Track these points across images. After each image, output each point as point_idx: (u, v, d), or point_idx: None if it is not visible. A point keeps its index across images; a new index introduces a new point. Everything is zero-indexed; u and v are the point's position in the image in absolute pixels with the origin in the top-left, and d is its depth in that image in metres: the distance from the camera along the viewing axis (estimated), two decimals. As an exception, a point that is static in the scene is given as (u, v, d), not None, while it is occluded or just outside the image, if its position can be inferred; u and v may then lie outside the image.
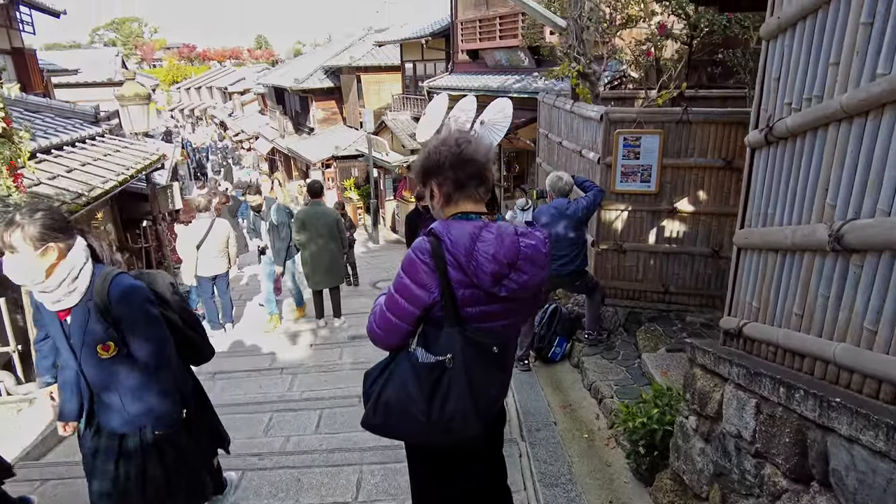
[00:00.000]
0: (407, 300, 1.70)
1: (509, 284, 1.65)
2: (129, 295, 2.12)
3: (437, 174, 1.73)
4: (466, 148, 1.70)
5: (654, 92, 6.47)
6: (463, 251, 1.63)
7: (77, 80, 18.26)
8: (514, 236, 1.67)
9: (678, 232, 5.09)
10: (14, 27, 11.24)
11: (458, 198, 1.73)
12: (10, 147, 3.78)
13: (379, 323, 1.78)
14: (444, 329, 1.69)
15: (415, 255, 1.68)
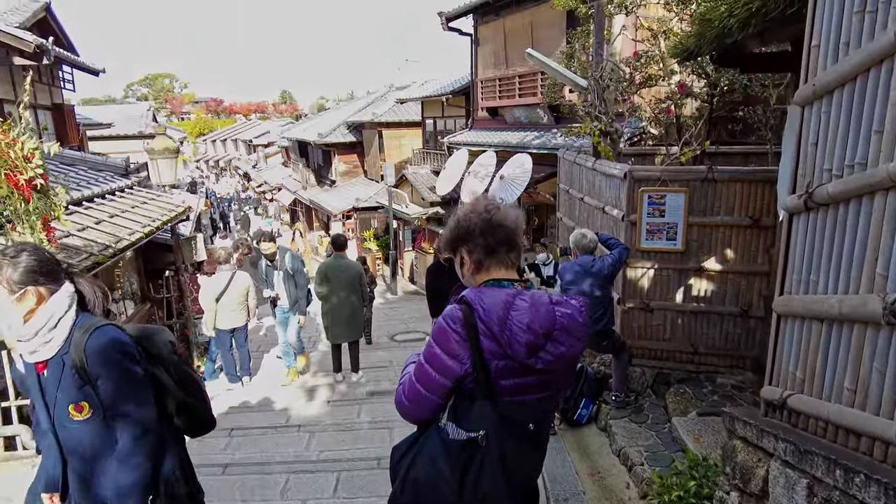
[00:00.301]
0: (437, 371, 1.63)
1: (545, 356, 1.57)
2: (108, 351, 1.87)
3: (468, 241, 1.70)
4: (496, 214, 1.67)
5: (675, 148, 6.49)
6: (496, 320, 1.56)
7: (110, 132, 18.96)
8: (550, 305, 1.60)
9: (706, 291, 4.99)
10: (56, 85, 11.79)
11: (490, 264, 1.69)
12: (46, 202, 3.86)
13: (408, 394, 1.70)
14: (477, 402, 1.61)
15: (446, 323, 1.62)
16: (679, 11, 6.66)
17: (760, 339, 4.79)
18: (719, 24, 3.28)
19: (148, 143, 8.27)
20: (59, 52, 9.52)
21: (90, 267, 5.11)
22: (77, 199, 6.43)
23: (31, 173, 3.68)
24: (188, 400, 2.15)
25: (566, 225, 7.28)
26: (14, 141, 3.68)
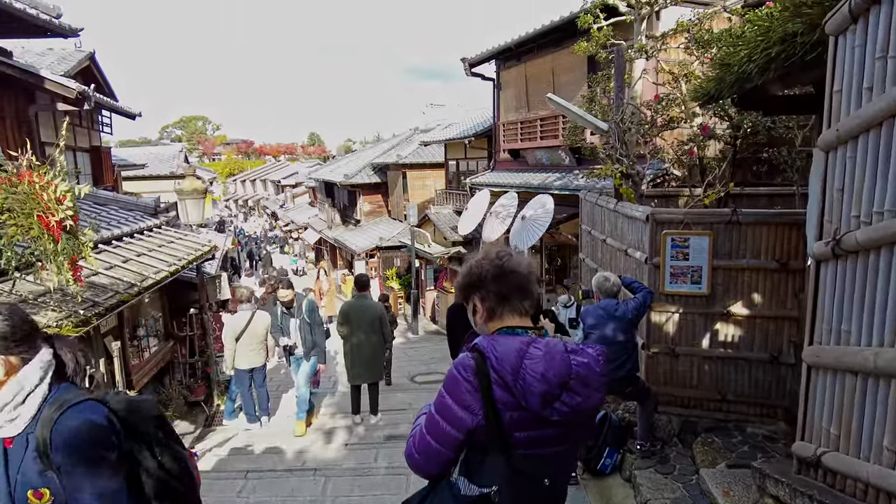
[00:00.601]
0: (449, 422, 1.57)
1: (561, 407, 1.51)
2: (77, 437, 1.61)
3: (480, 288, 1.67)
4: (508, 261, 1.65)
5: (698, 190, 6.43)
6: (509, 369, 1.51)
7: (143, 173, 19.61)
8: (565, 353, 1.55)
9: (733, 336, 4.83)
10: (95, 128, 12.31)
11: (502, 312, 1.65)
12: (75, 242, 3.96)
13: (418, 447, 1.64)
14: (489, 456, 1.54)
15: (457, 372, 1.57)
16: (700, 55, 6.71)
17: (792, 387, 4.60)
18: (738, 69, 3.28)
19: (178, 184, 8.51)
20: (99, 97, 9.97)
21: (115, 305, 5.19)
22: (107, 238, 6.59)
23: (61, 215, 3.79)
24: (172, 482, 1.90)
25: (589, 266, 7.20)
26: (48, 184, 3.82)
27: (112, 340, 6.26)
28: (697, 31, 6.68)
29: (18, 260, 3.91)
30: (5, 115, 8.71)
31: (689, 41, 6.88)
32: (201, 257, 7.90)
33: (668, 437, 4.81)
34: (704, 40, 6.44)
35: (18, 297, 4.48)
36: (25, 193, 3.68)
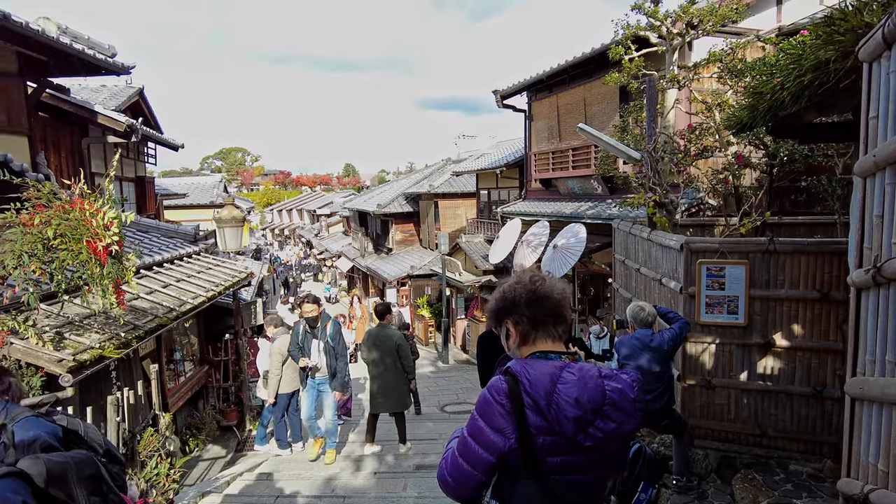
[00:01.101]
0: (481, 445, 1.56)
1: (594, 433, 1.50)
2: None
3: (513, 312, 1.67)
4: (541, 286, 1.65)
5: (734, 219, 6.32)
6: (543, 393, 1.50)
7: (184, 202, 20.32)
8: (599, 379, 1.54)
9: (773, 368, 4.68)
10: (141, 160, 12.88)
11: (535, 336, 1.65)
12: (119, 267, 4.13)
13: (450, 470, 1.63)
14: (521, 481, 1.53)
15: (490, 395, 1.56)
16: (733, 84, 6.67)
17: (838, 423, 4.40)
18: (771, 97, 3.26)
19: (217, 213, 8.80)
20: (146, 130, 10.45)
21: (154, 328, 5.36)
22: (148, 264, 6.84)
23: (108, 240, 3.96)
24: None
25: (622, 296, 7.10)
26: (97, 211, 4.01)
27: (150, 363, 6.42)
28: (730, 60, 6.66)
29: (67, 283, 4.09)
30: (61, 146, 9.20)
31: (722, 70, 6.86)
32: (238, 283, 8.10)
33: (705, 473, 4.64)
34: (738, 69, 6.41)
35: (65, 319, 4.67)
36: (77, 220, 3.87)
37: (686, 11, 7.15)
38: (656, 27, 7.50)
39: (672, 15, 7.31)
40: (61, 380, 3.94)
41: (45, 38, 6.77)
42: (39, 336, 4.12)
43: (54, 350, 4.10)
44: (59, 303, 4.76)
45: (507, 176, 16.57)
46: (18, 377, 2.04)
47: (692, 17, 7.17)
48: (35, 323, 4.22)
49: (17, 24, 6.26)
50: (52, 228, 3.77)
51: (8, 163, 5.11)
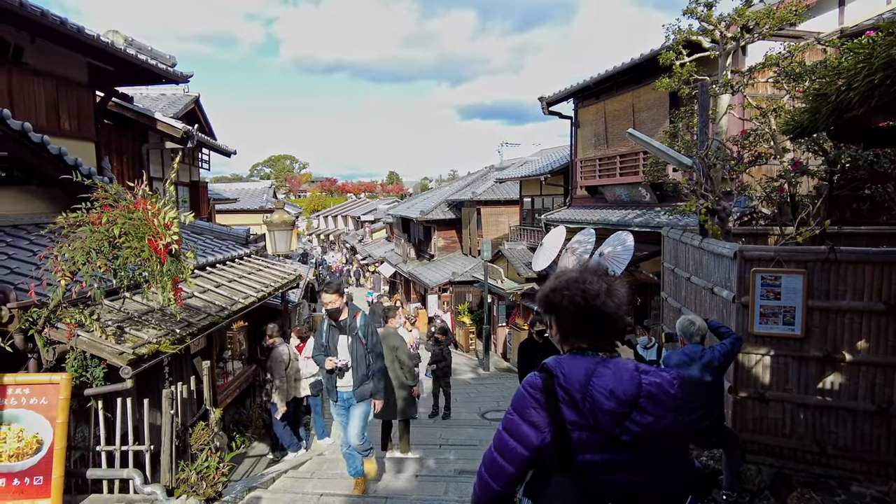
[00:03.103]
0: (515, 439, 1.56)
1: (631, 427, 1.47)
2: None
3: (557, 313, 1.67)
4: (592, 302, 1.59)
5: (790, 229, 6.09)
6: (577, 386, 1.51)
7: (235, 207, 21.00)
8: (635, 372, 1.53)
9: (833, 383, 4.47)
10: (195, 165, 13.40)
11: (576, 340, 1.65)
12: (177, 265, 4.31)
13: (486, 463, 1.64)
14: (555, 477, 1.53)
15: (525, 390, 1.58)
16: (791, 88, 6.45)
17: (905, 444, 4.17)
18: (836, 99, 3.13)
19: (267, 217, 9.07)
20: (201, 137, 10.88)
21: (207, 326, 5.55)
22: (202, 265, 7.09)
23: (168, 239, 4.14)
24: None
25: (671, 305, 6.93)
26: (158, 211, 4.20)
27: (201, 360, 6.64)
28: (788, 64, 6.44)
29: (129, 280, 4.30)
30: (123, 152, 9.67)
31: (778, 75, 6.64)
32: (286, 285, 8.30)
33: (758, 490, 4.47)
34: (796, 73, 6.19)
35: (126, 315, 4.90)
36: (139, 219, 4.07)
37: (741, 14, 6.96)
38: (709, 31, 7.33)
39: (726, 18, 7.13)
40: (122, 372, 4.13)
41: (113, 50, 7.16)
42: (103, 329, 4.33)
43: (116, 343, 4.30)
44: (120, 299, 5.00)
45: (551, 183, 16.45)
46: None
47: (748, 20, 6.97)
48: (99, 317, 4.43)
49: (89, 37, 6.64)
50: (118, 227, 3.98)
51: (78, 166, 5.42)
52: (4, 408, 4.03)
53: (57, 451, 4.03)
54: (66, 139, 6.96)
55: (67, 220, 4.03)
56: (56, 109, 7.23)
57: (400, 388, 6.53)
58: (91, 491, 4.47)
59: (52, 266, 4.00)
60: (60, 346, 4.26)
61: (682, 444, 1.69)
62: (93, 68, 7.88)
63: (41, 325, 4.12)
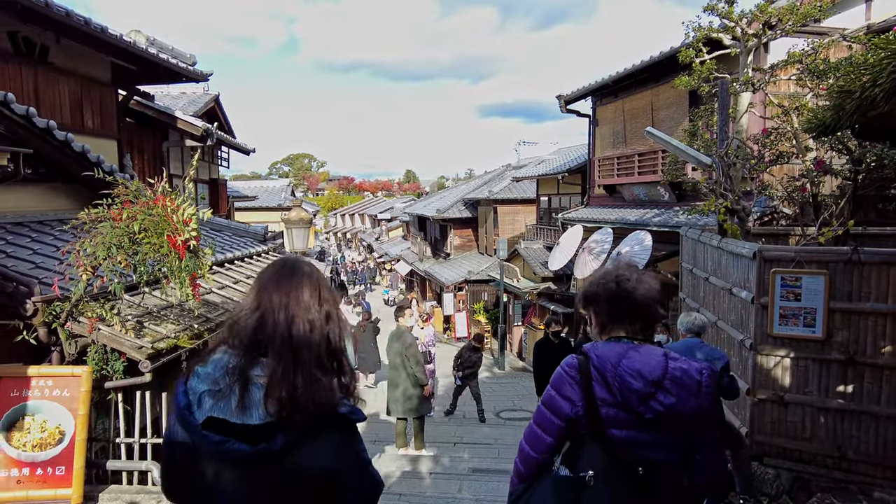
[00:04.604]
0: (551, 411, 1.76)
1: (655, 406, 1.62)
2: None
3: (595, 304, 1.84)
4: (624, 285, 1.76)
5: (811, 229, 5.98)
6: (609, 366, 1.67)
7: (254, 204, 21.22)
8: (662, 357, 1.68)
9: (855, 387, 4.37)
10: (215, 163, 13.58)
11: (612, 327, 1.81)
12: (196, 261, 4.36)
13: (526, 435, 1.84)
14: (587, 445, 1.70)
15: (562, 369, 1.78)
16: (814, 86, 6.33)
17: (929, 450, 4.07)
18: (861, 96, 3.07)
19: (285, 215, 9.14)
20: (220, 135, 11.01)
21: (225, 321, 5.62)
22: (220, 261, 7.18)
23: (186, 235, 4.20)
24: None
25: (689, 306, 6.85)
26: (177, 207, 4.26)
27: (220, 356, 6.72)
28: (812, 61, 6.32)
29: (149, 275, 4.37)
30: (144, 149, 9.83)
31: (801, 72, 6.51)
32: (302, 282, 8.36)
33: (776, 494, 4.40)
34: (820, 70, 6.07)
35: (145, 309, 4.98)
36: (159, 215, 4.13)
37: (763, 11, 6.84)
38: (730, 28, 7.21)
39: (748, 15, 7.01)
40: (141, 365, 4.20)
41: (136, 49, 7.27)
42: (123, 324, 4.41)
43: (135, 338, 4.37)
44: (140, 294, 5.08)
45: (568, 182, 16.35)
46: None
47: (770, 16, 6.85)
48: (119, 312, 4.51)
49: (112, 37, 6.76)
50: (138, 223, 4.04)
51: (100, 163, 5.52)
52: (28, 399, 4.12)
53: (78, 442, 4.11)
54: (89, 137, 7.08)
55: (89, 216, 4.10)
56: (80, 108, 7.36)
57: (413, 387, 6.55)
58: (111, 482, 4.56)
59: (74, 261, 4.08)
60: (82, 339, 4.35)
61: (711, 433, 1.77)
62: (115, 67, 8.01)
63: (64, 318, 4.21)
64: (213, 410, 1.29)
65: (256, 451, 1.26)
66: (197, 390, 1.33)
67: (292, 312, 1.36)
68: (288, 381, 1.28)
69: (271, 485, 1.30)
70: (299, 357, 1.33)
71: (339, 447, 1.35)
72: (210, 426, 1.28)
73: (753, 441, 4.71)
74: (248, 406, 1.28)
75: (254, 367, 1.33)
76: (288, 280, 1.43)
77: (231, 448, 1.26)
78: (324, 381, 1.33)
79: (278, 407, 1.27)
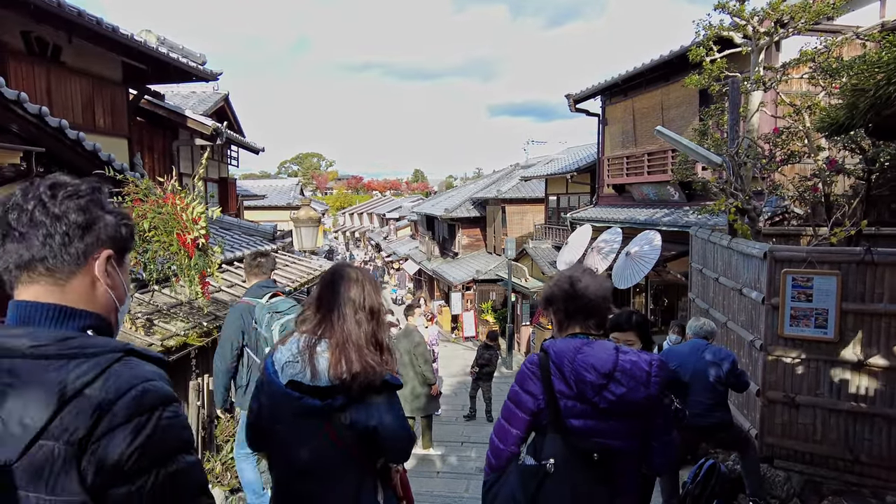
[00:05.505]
0: (516, 405, 1.91)
1: (608, 395, 1.77)
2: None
3: (553, 304, 1.98)
4: (577, 285, 1.91)
5: (823, 229, 5.91)
6: (566, 361, 1.81)
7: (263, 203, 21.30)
8: (613, 351, 1.82)
9: (868, 389, 4.32)
10: (224, 161, 13.64)
11: (569, 324, 1.95)
12: (205, 259, 4.39)
13: (496, 430, 1.98)
14: (549, 435, 1.85)
15: (525, 366, 1.93)
16: (827, 85, 6.26)
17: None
18: (875, 94, 3.03)
19: (294, 213, 9.17)
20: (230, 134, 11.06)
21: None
22: (229, 259, 7.21)
23: (196, 233, 4.22)
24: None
25: (699, 307, 6.81)
26: (187, 206, 4.28)
27: (229, 353, 6.76)
28: (825, 59, 6.25)
29: (158, 273, 4.39)
30: (155, 148, 9.89)
31: (814, 71, 6.44)
32: (312, 281, 8.39)
33: (787, 496, 4.36)
34: (833, 69, 6.00)
35: (155, 307, 5.01)
36: (168, 213, 4.15)
37: (775, 8, 6.77)
38: (741, 26, 7.14)
39: (759, 13, 6.94)
40: (151, 363, 4.22)
41: (147, 49, 7.32)
42: (133, 321, 4.44)
43: (145, 335, 4.40)
44: (150, 291, 5.12)
45: (577, 181, 16.30)
46: None
47: (782, 14, 6.78)
48: (130, 309, 4.55)
49: (124, 36, 6.80)
50: (148, 221, 4.07)
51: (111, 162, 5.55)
52: (39, 395, 4.15)
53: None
54: (100, 136, 7.14)
55: (100, 214, 4.12)
56: (91, 107, 7.42)
57: (421, 385, 6.56)
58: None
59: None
60: (93, 336, 4.37)
61: (663, 419, 1.92)
62: (126, 67, 8.06)
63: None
64: (293, 376, 1.76)
65: (324, 405, 1.73)
66: (280, 361, 1.80)
67: (343, 307, 1.82)
68: (344, 357, 1.73)
69: (333, 432, 1.75)
70: (349, 339, 1.77)
71: (383, 407, 1.77)
72: (291, 386, 1.75)
73: (763, 443, 4.67)
74: (317, 373, 1.73)
75: (320, 344, 1.78)
76: (339, 282, 1.87)
77: (306, 402, 1.74)
78: (369, 358, 1.76)
79: (337, 374, 1.71)
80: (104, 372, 0.96)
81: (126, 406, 0.94)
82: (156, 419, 0.97)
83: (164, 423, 0.98)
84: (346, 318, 1.80)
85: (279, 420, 1.80)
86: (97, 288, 1.08)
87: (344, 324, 1.79)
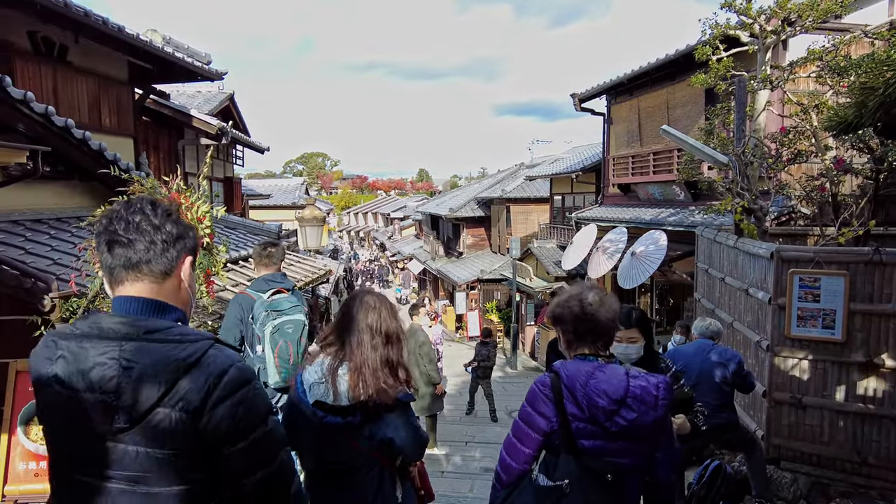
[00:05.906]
0: (528, 425, 1.94)
1: (619, 421, 1.81)
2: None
3: (563, 324, 2.00)
4: (588, 309, 1.93)
5: (831, 229, 5.88)
6: (578, 386, 1.84)
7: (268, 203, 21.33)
8: (624, 376, 1.85)
9: (876, 390, 4.29)
10: (230, 161, 13.66)
11: (578, 344, 1.98)
12: (210, 258, 4.38)
13: (506, 447, 2.02)
14: (562, 456, 1.88)
15: (536, 387, 1.96)
16: (835, 83, 6.21)
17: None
18: (884, 92, 3.00)
19: (299, 213, 9.18)
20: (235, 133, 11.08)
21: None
22: (234, 259, 7.22)
23: (200, 232, 4.21)
24: None
25: (704, 307, 6.77)
26: (192, 205, 4.28)
27: (233, 353, 6.77)
28: (832, 58, 6.20)
29: (163, 272, 4.39)
30: (160, 147, 9.92)
31: (821, 69, 6.40)
32: (317, 280, 8.40)
33: (793, 498, 4.34)
34: (841, 67, 5.95)
35: (161, 306, 5.01)
36: (174, 213, 4.15)
37: (783, 7, 6.73)
38: (748, 25, 7.10)
39: (766, 11, 6.90)
40: (156, 361, 4.22)
41: (153, 48, 7.33)
42: (138, 320, 4.44)
43: (151, 334, 4.40)
44: (155, 291, 5.11)
45: (582, 181, 16.25)
46: None
47: (789, 12, 6.74)
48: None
49: (129, 36, 6.81)
50: (153, 220, 4.06)
51: (117, 161, 5.56)
52: (45, 394, 4.16)
53: (94, 437, 4.15)
54: (106, 135, 7.15)
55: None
56: (97, 106, 7.44)
57: (426, 385, 6.54)
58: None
59: (90, 258, 4.12)
60: (98, 335, 4.38)
61: (668, 433, 2.01)
62: (132, 66, 8.08)
63: (81, 314, 4.25)
64: (318, 396, 1.95)
65: (344, 422, 1.92)
66: (308, 381, 1.98)
67: (361, 333, 2.00)
68: (361, 380, 1.92)
69: (355, 443, 1.96)
70: (366, 364, 1.95)
71: (398, 422, 1.98)
72: (316, 405, 1.94)
73: (770, 444, 4.64)
74: (339, 395, 1.92)
75: (341, 367, 1.97)
76: (358, 309, 2.04)
77: (329, 420, 1.93)
78: (384, 379, 1.95)
79: (355, 396, 1.91)
80: (204, 355, 1.22)
81: (230, 382, 1.23)
82: (251, 391, 1.27)
83: (256, 393, 1.28)
84: (363, 344, 1.98)
85: (307, 430, 2.00)
86: (182, 288, 1.35)
87: (361, 349, 1.98)
